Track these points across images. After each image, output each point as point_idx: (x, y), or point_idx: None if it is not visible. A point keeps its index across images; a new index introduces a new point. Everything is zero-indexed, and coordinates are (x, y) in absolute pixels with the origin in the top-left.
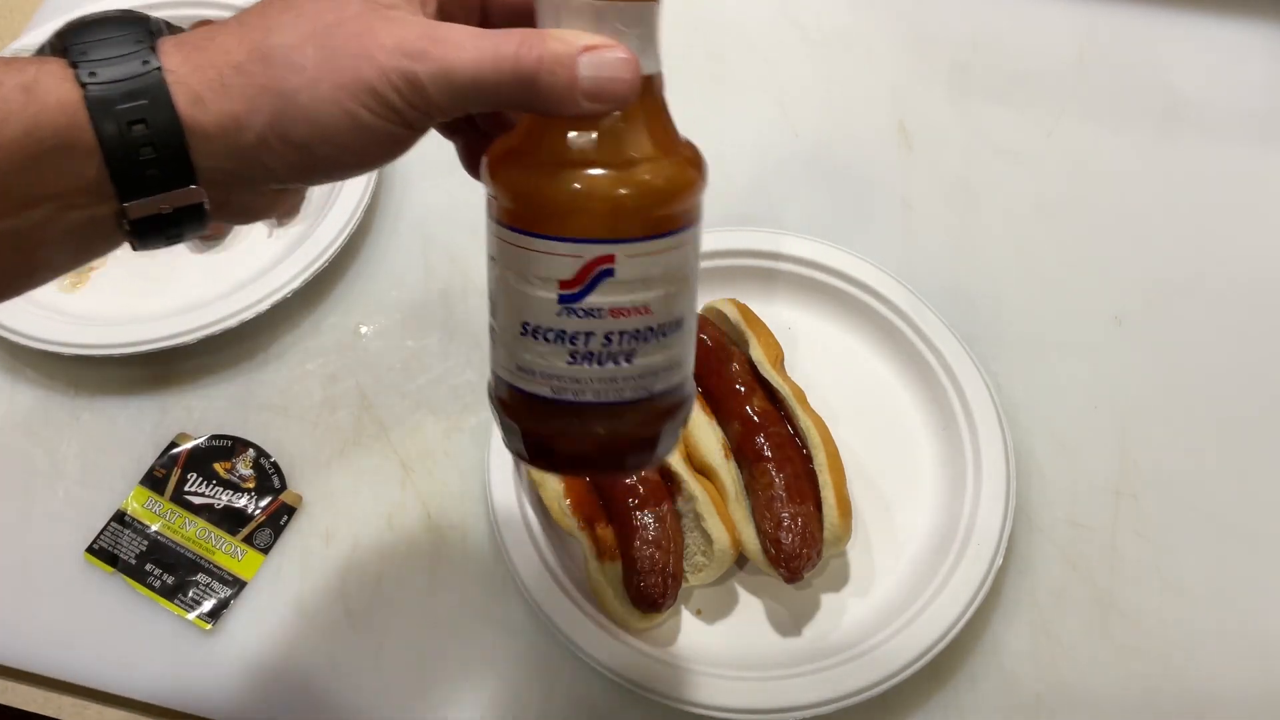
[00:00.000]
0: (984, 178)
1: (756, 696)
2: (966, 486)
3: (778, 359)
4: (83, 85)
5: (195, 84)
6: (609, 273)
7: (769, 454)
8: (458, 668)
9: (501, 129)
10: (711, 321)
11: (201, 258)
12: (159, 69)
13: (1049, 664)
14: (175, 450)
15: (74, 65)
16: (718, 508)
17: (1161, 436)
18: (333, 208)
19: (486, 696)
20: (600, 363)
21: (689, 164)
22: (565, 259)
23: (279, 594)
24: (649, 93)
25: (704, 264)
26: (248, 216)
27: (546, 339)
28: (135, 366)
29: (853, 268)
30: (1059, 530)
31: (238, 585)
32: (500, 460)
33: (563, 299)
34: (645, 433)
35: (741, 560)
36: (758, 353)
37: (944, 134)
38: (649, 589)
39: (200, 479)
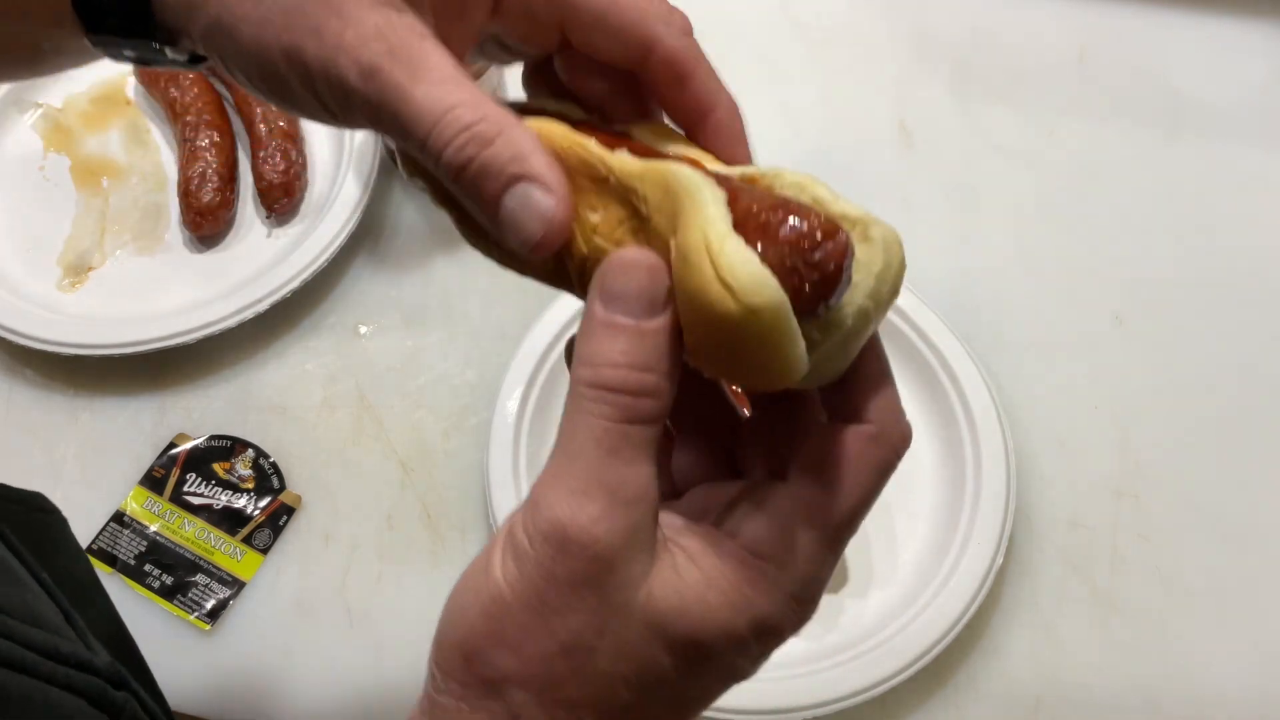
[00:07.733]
0: (984, 177)
1: (756, 697)
2: (966, 486)
3: None
4: None
5: None
6: None
7: None
8: None
9: None
10: None
11: (201, 258)
12: None
13: (1049, 664)
14: (174, 450)
15: None
16: None
17: (1161, 436)
18: (332, 208)
19: None
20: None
21: None
22: None
23: (278, 594)
24: None
25: None
26: None
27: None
28: (135, 366)
29: None
30: (1059, 530)
31: (237, 585)
32: (500, 460)
33: None
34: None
35: None
36: None
37: (944, 133)
38: None
39: (199, 479)
